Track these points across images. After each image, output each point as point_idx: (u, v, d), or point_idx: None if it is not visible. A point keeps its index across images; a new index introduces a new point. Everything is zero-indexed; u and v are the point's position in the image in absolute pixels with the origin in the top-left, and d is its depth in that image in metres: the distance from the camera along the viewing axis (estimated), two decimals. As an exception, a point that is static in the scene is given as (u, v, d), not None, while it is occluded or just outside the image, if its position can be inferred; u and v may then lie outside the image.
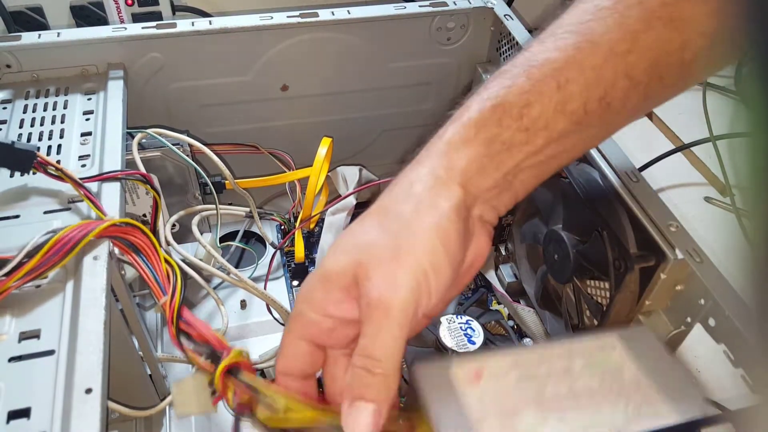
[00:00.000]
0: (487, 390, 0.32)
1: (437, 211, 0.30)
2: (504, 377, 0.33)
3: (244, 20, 0.53)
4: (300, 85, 0.59)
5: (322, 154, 0.53)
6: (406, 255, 0.29)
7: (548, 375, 0.33)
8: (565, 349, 0.34)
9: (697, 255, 0.37)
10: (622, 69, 0.30)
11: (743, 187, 0.45)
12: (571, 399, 0.32)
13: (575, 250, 0.44)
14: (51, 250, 0.33)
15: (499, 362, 0.33)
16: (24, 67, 0.50)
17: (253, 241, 0.62)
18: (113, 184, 0.41)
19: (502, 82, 0.31)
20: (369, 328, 0.29)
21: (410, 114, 0.64)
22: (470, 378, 0.32)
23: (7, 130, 0.45)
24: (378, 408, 0.28)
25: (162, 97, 0.55)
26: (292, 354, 0.31)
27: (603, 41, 0.30)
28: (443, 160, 0.30)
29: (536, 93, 0.30)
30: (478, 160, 0.30)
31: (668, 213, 0.39)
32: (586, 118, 0.30)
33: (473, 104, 0.31)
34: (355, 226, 0.32)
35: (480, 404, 0.31)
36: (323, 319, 0.30)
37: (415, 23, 0.57)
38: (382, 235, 0.30)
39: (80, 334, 0.32)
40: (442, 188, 0.30)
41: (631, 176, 0.42)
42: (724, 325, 0.35)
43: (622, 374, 0.33)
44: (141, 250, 0.36)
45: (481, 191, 0.31)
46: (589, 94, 0.30)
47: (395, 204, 0.31)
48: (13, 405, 0.29)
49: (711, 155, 0.65)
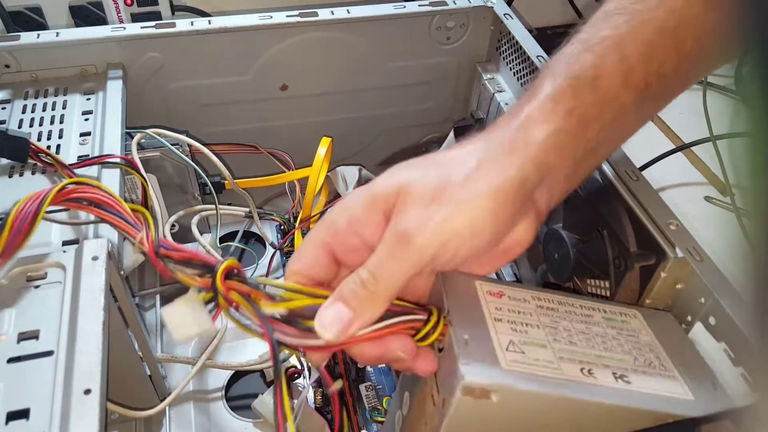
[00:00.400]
0: (505, 305, 0.33)
1: (503, 176, 0.29)
2: (525, 303, 0.33)
3: (243, 20, 0.53)
4: (299, 84, 0.59)
5: (322, 154, 0.53)
6: (451, 204, 0.29)
7: (568, 313, 0.33)
8: (588, 303, 0.35)
9: (697, 254, 0.37)
10: (672, 44, 0.31)
11: (743, 186, 0.44)
12: (584, 334, 0.32)
13: (575, 248, 0.44)
14: (12, 228, 0.32)
15: (523, 291, 0.34)
16: (23, 67, 0.50)
17: (252, 241, 0.62)
18: (113, 171, 0.41)
19: (567, 61, 0.32)
20: (383, 251, 0.29)
21: (410, 113, 0.64)
22: (492, 293, 0.33)
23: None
24: (353, 319, 0.29)
25: (161, 97, 0.55)
26: (311, 257, 0.31)
27: (651, 19, 0.31)
28: (521, 133, 0.30)
29: (602, 67, 0.31)
30: (557, 134, 0.30)
31: (668, 212, 0.39)
32: (646, 90, 0.31)
33: (545, 83, 0.31)
34: (418, 160, 0.31)
35: (497, 311, 0.32)
36: (353, 235, 0.30)
37: (415, 22, 0.57)
38: (440, 176, 0.29)
39: (79, 334, 0.32)
40: (516, 157, 0.29)
41: (632, 175, 0.42)
42: (725, 324, 0.35)
43: (638, 336, 0.34)
44: (103, 203, 0.35)
45: (550, 171, 0.31)
46: (648, 67, 0.31)
47: (464, 156, 0.30)
48: (12, 406, 0.29)
49: (711, 155, 0.65)
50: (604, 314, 0.34)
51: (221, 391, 0.50)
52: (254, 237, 0.62)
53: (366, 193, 0.31)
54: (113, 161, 0.42)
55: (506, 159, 0.29)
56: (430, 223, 0.28)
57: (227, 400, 0.49)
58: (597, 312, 0.34)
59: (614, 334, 0.33)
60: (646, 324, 0.35)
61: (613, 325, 0.34)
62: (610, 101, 0.31)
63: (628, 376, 0.31)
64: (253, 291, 0.30)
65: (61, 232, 0.38)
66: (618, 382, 0.30)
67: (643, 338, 0.34)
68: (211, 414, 0.48)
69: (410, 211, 0.29)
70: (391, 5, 0.56)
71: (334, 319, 0.29)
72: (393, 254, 0.29)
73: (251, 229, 0.62)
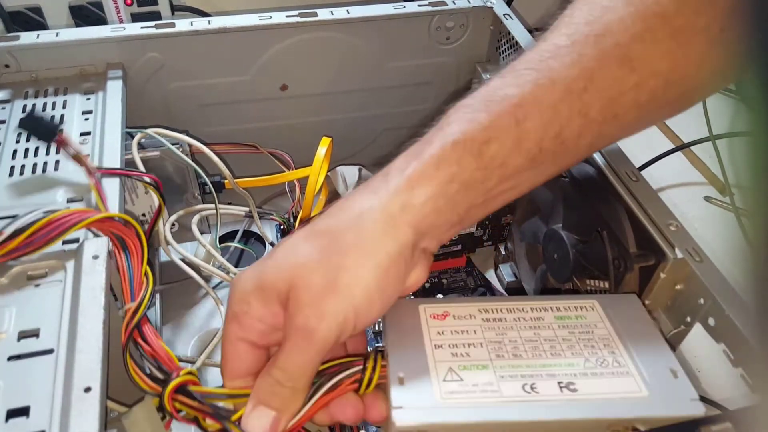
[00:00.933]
0: (449, 326, 0.33)
1: (382, 251, 0.30)
2: (470, 319, 0.33)
3: (243, 20, 0.53)
4: (299, 84, 0.59)
5: (322, 154, 0.53)
6: (340, 290, 0.29)
7: (516, 321, 0.33)
8: (541, 303, 0.35)
9: (696, 254, 0.37)
10: (577, 107, 0.30)
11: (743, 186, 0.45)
12: (531, 343, 0.32)
13: (575, 249, 0.44)
14: (43, 229, 0.33)
15: (470, 305, 0.34)
16: (23, 67, 0.50)
17: (252, 241, 0.62)
18: (113, 180, 0.41)
19: (463, 117, 0.31)
20: (288, 346, 0.30)
21: (409, 113, 0.64)
22: (436, 315, 0.33)
23: (7, 130, 0.45)
24: (279, 417, 0.30)
25: (161, 97, 0.55)
26: (236, 357, 0.32)
27: (560, 78, 0.30)
28: (400, 196, 0.30)
29: (495, 129, 0.30)
30: (434, 199, 0.30)
31: (668, 212, 0.39)
32: (541, 155, 0.31)
33: (435, 140, 0.31)
34: (298, 240, 0.32)
35: (438, 336, 0.32)
36: (259, 323, 0.31)
37: (415, 22, 0.57)
38: (322, 260, 0.30)
39: (79, 332, 0.32)
40: (392, 228, 0.30)
41: (631, 175, 0.42)
42: (724, 325, 0.35)
43: (592, 331, 0.33)
44: (129, 252, 0.36)
45: (432, 229, 0.31)
46: (545, 131, 0.30)
47: (342, 232, 0.31)
48: (12, 404, 0.29)
49: (711, 155, 0.65)
50: (557, 313, 0.34)
51: (221, 390, 0.50)
52: (254, 236, 0.62)
53: (256, 285, 0.31)
54: (142, 179, 0.42)
55: (381, 233, 0.30)
56: (326, 315, 0.29)
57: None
58: (549, 312, 0.34)
59: (565, 335, 0.33)
60: (603, 315, 0.34)
61: (566, 324, 0.33)
62: (498, 166, 0.30)
63: (576, 383, 0.30)
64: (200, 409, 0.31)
65: (61, 231, 0.38)
66: (563, 392, 0.30)
67: (598, 332, 0.33)
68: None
69: (304, 308, 0.29)
70: (390, 5, 0.56)
71: (262, 422, 0.30)
72: (299, 348, 0.30)
73: (251, 228, 0.62)
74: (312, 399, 0.31)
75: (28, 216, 0.33)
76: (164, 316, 0.53)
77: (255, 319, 0.31)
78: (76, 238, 0.37)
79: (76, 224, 0.34)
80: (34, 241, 0.33)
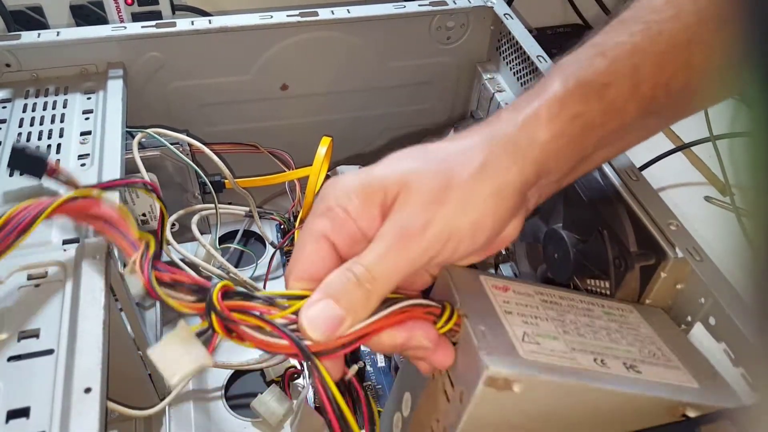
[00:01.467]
0: (512, 298, 0.33)
1: (505, 178, 0.29)
2: (529, 297, 0.33)
3: (243, 19, 0.53)
4: (300, 84, 0.59)
5: (322, 154, 0.53)
6: (455, 203, 0.28)
7: (571, 307, 0.34)
8: (587, 298, 0.35)
9: (697, 254, 0.37)
10: (683, 58, 0.31)
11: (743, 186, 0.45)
12: (589, 327, 0.33)
13: (575, 249, 0.44)
14: (4, 229, 0.31)
15: (526, 285, 0.34)
16: (23, 66, 0.50)
17: (252, 241, 0.62)
18: (113, 192, 0.40)
19: (579, 63, 0.31)
20: (380, 246, 0.28)
21: (410, 113, 0.64)
22: (498, 287, 0.33)
23: (7, 130, 0.45)
24: (344, 317, 0.27)
25: (162, 97, 0.55)
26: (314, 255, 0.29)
27: (665, 30, 0.31)
28: (528, 129, 0.30)
29: (614, 73, 0.30)
30: (558, 139, 0.30)
31: (668, 212, 0.39)
32: (653, 105, 0.31)
33: (554, 82, 0.31)
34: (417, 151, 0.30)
35: (505, 304, 0.32)
36: (353, 223, 0.29)
37: (415, 22, 0.57)
38: (441, 172, 0.29)
39: (79, 333, 0.32)
40: (518, 158, 0.29)
41: (632, 175, 0.42)
42: (725, 324, 0.35)
43: (638, 329, 0.34)
44: (112, 222, 0.33)
45: (548, 173, 0.31)
46: (657, 79, 0.31)
47: (466, 152, 0.29)
48: (13, 404, 0.29)
49: (711, 155, 0.65)
50: (603, 309, 0.35)
51: (221, 390, 0.50)
52: (254, 236, 0.62)
53: (364, 182, 0.29)
54: (128, 184, 0.41)
55: (508, 160, 0.29)
56: (433, 224, 0.28)
57: (227, 400, 0.49)
58: (597, 306, 0.35)
59: (616, 327, 0.33)
60: (642, 318, 0.35)
61: (614, 319, 0.34)
62: (616, 111, 0.30)
63: (638, 366, 0.31)
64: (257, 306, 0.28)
65: (62, 230, 0.38)
66: (629, 371, 0.30)
67: (643, 331, 0.34)
68: (210, 413, 0.48)
69: (412, 209, 0.28)
70: (391, 5, 0.56)
71: (323, 318, 0.27)
72: (393, 251, 0.28)
73: (251, 228, 0.62)
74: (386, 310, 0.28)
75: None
76: (164, 316, 0.53)
77: (352, 217, 0.29)
78: (77, 238, 0.37)
79: (40, 214, 0.31)
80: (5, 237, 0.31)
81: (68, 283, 0.34)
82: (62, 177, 0.38)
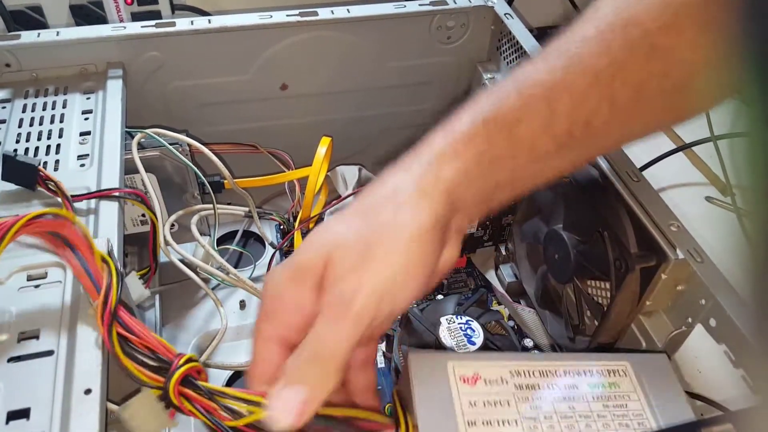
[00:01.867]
0: (480, 395, 0.31)
1: (418, 222, 0.29)
2: (502, 385, 0.32)
3: (243, 19, 0.53)
4: (299, 84, 0.59)
5: (322, 154, 0.52)
6: (379, 261, 0.29)
7: (549, 389, 0.32)
8: (573, 365, 0.34)
9: (698, 255, 0.37)
10: (607, 94, 0.30)
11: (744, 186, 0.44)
12: (567, 419, 0.31)
13: (576, 250, 0.44)
14: None
15: (501, 368, 0.33)
16: (23, 66, 0.50)
17: (252, 241, 0.62)
18: (111, 200, 0.40)
19: (493, 99, 0.31)
20: (324, 320, 0.29)
21: (410, 113, 0.64)
22: (466, 378, 0.32)
23: (7, 130, 0.45)
24: (312, 396, 0.28)
25: (161, 96, 0.55)
26: (267, 358, 0.30)
27: (590, 66, 0.31)
28: (432, 169, 0.30)
29: (526, 110, 0.30)
30: (465, 173, 0.30)
31: (669, 213, 0.39)
32: (569, 141, 0.31)
33: (464, 117, 0.31)
34: (331, 223, 0.31)
35: (471, 409, 0.31)
36: (293, 315, 0.30)
37: (415, 22, 0.57)
38: (359, 236, 0.30)
39: (79, 334, 0.32)
40: (425, 199, 0.30)
41: (632, 176, 0.42)
42: (725, 326, 0.35)
43: (627, 404, 0.33)
44: (73, 245, 0.33)
45: (463, 204, 0.31)
46: (575, 116, 0.31)
47: (376, 208, 0.30)
48: (13, 405, 0.29)
49: (712, 155, 0.65)
50: (590, 380, 0.33)
51: (221, 390, 0.50)
52: (254, 236, 0.62)
53: (290, 272, 0.30)
54: (117, 195, 0.41)
55: (419, 201, 0.30)
56: (362, 289, 0.28)
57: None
58: (583, 379, 0.33)
59: (600, 410, 0.32)
60: (636, 382, 0.34)
61: (600, 395, 0.32)
62: (527, 148, 0.31)
63: None
64: (209, 405, 0.29)
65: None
66: None
67: (632, 406, 0.32)
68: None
69: (340, 282, 0.29)
70: (391, 5, 0.56)
71: (293, 402, 0.28)
72: (333, 323, 0.28)
73: (251, 228, 0.62)
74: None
75: None
76: (164, 316, 0.53)
77: (289, 310, 0.30)
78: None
79: (9, 229, 0.30)
80: None
81: (68, 284, 0.34)
82: (51, 184, 0.38)
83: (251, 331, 0.31)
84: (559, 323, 0.48)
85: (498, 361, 0.33)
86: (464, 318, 0.46)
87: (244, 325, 0.54)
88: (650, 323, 0.40)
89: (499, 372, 0.32)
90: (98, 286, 0.32)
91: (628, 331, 0.42)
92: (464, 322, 0.45)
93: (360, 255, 0.29)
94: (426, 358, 0.32)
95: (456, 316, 0.46)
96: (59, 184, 0.38)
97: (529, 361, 0.34)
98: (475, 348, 0.43)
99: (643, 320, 0.41)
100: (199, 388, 0.30)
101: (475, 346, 0.43)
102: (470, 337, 0.44)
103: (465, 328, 0.45)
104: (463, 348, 0.43)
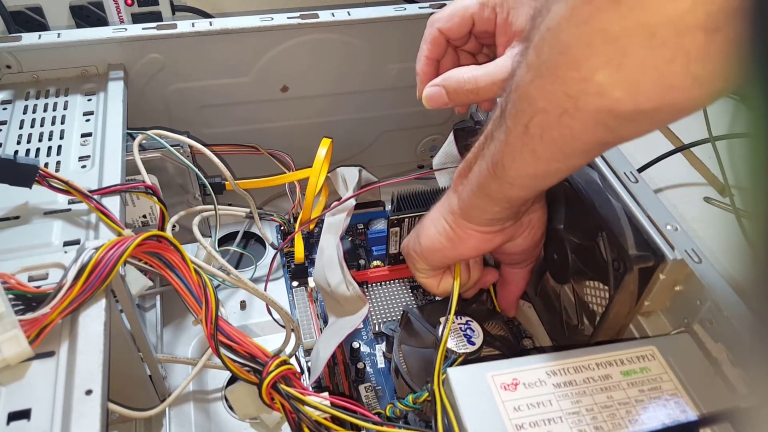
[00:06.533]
0: (523, 399, 0.32)
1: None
2: (541, 386, 0.33)
3: (244, 21, 0.53)
4: (300, 86, 0.59)
5: (322, 155, 0.53)
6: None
7: (586, 383, 0.33)
8: (603, 356, 0.34)
9: (696, 255, 0.37)
10: None
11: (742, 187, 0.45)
12: (608, 409, 0.32)
13: (574, 251, 0.44)
14: (91, 276, 0.32)
15: (537, 370, 0.33)
16: (24, 67, 0.50)
17: (253, 242, 0.63)
18: (113, 198, 0.40)
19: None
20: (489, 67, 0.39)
21: (410, 115, 0.64)
22: (506, 385, 0.33)
23: (8, 131, 0.45)
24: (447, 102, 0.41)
25: (162, 98, 0.55)
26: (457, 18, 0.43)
27: None
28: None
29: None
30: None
31: (667, 213, 0.39)
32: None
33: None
34: None
35: (516, 413, 0.31)
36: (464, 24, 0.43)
37: (415, 24, 0.57)
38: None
39: (80, 335, 0.32)
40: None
41: (630, 177, 0.42)
42: (723, 326, 0.35)
43: (660, 385, 0.33)
44: (173, 265, 0.36)
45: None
46: None
47: None
48: (14, 406, 0.29)
49: (710, 156, 0.65)
50: (622, 368, 0.34)
51: (221, 391, 0.50)
52: (254, 237, 0.63)
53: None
54: (132, 189, 0.42)
55: None
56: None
57: (227, 401, 0.49)
58: (615, 367, 0.34)
59: (636, 395, 0.33)
60: (665, 364, 0.34)
61: (634, 381, 0.33)
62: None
63: None
64: (289, 410, 0.36)
65: (62, 232, 0.38)
66: None
67: (666, 386, 0.33)
68: (210, 414, 0.48)
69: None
70: (391, 7, 0.57)
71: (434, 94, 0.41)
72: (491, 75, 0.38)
73: (252, 229, 0.62)
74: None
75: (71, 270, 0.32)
76: (165, 317, 0.53)
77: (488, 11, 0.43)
78: (77, 240, 0.37)
79: (119, 258, 0.32)
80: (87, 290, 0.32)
81: (69, 285, 0.34)
82: (55, 182, 0.38)
83: (252, 331, 0.32)
84: (558, 323, 0.49)
85: (532, 364, 0.34)
86: (464, 318, 0.46)
87: (244, 326, 0.54)
88: (648, 323, 0.40)
89: (536, 374, 0.33)
90: (198, 299, 0.36)
91: (626, 331, 0.42)
92: (464, 322, 0.45)
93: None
94: (465, 373, 0.33)
95: (456, 316, 0.46)
96: (70, 182, 0.38)
97: (562, 359, 0.34)
98: (474, 348, 0.43)
99: (641, 320, 0.41)
100: (283, 394, 0.36)
101: (475, 346, 0.43)
102: (470, 337, 0.44)
103: (465, 328, 0.45)
104: (462, 348, 0.43)
